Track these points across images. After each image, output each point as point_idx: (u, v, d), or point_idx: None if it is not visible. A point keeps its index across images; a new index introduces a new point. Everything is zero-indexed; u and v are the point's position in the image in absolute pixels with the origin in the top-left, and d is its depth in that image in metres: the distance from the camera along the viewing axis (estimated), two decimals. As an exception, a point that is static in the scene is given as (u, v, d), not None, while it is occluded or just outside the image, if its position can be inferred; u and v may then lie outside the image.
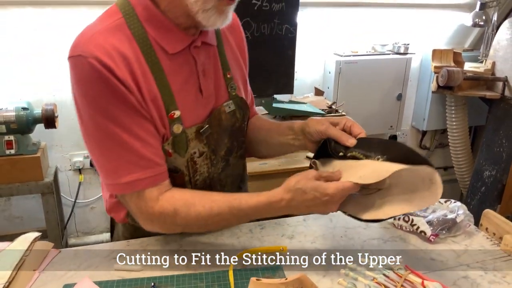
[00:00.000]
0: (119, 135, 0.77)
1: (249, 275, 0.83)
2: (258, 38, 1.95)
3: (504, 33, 2.22)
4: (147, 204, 0.81)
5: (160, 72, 0.81)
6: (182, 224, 0.83)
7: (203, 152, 0.89)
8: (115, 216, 0.98)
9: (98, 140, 0.79)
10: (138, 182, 0.80)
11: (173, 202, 0.81)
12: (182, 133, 0.84)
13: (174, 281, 0.82)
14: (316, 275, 0.86)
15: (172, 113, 0.83)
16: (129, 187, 0.80)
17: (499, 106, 2.30)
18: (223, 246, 0.95)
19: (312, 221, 1.06)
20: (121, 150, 0.78)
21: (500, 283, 0.85)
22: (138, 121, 0.79)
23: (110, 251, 0.92)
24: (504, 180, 2.26)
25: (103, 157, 0.80)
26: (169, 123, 0.83)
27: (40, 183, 1.95)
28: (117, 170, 0.80)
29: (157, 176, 0.81)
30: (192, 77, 0.86)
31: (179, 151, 0.85)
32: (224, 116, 0.92)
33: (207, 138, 0.89)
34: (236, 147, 0.98)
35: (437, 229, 0.99)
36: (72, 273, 0.85)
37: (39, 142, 2.02)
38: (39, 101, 2.04)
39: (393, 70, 2.52)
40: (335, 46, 2.51)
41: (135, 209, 0.83)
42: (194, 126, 0.87)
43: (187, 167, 0.88)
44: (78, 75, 0.76)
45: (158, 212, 0.81)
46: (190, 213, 0.81)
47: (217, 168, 0.94)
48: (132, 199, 0.82)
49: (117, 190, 0.82)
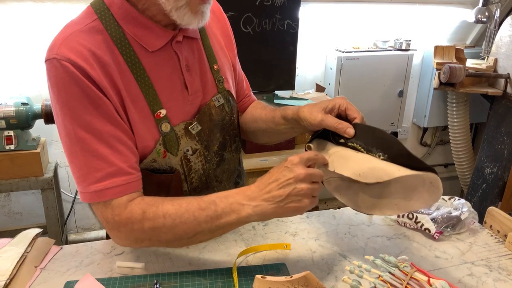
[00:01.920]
0: (87, 141, 0.74)
1: (253, 273, 0.82)
2: (259, 33, 1.94)
3: (506, 29, 2.21)
4: (114, 212, 0.76)
5: (141, 72, 0.79)
6: (150, 228, 0.75)
7: (196, 150, 0.88)
8: None
9: (68, 146, 0.76)
10: (106, 191, 0.75)
11: (142, 205, 0.76)
12: (171, 132, 0.83)
13: (178, 278, 0.81)
14: (320, 272, 0.85)
15: (158, 112, 0.81)
16: (96, 196, 0.76)
17: (501, 103, 2.29)
18: (226, 243, 0.94)
19: (315, 218, 1.05)
20: (90, 157, 0.75)
21: (506, 281, 0.84)
22: (109, 128, 0.76)
23: (112, 247, 0.91)
24: (505, 177, 2.25)
25: (73, 164, 0.77)
26: (156, 123, 0.81)
27: (40, 179, 1.94)
28: (85, 178, 0.76)
29: (126, 185, 0.77)
30: (176, 73, 0.84)
31: (171, 150, 0.84)
32: (214, 111, 0.91)
33: (198, 135, 0.88)
34: (229, 141, 0.97)
35: (441, 227, 0.98)
36: (74, 270, 0.84)
37: (39, 138, 2.01)
38: (39, 97, 2.02)
39: (395, 67, 2.50)
40: (337, 42, 2.50)
41: (100, 218, 0.78)
42: (182, 123, 0.85)
43: (181, 165, 0.87)
44: (52, 78, 0.74)
45: (125, 218, 0.75)
46: (158, 212, 0.74)
47: (211, 164, 0.93)
48: (98, 208, 0.77)
49: (86, 198, 0.77)
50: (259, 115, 1.03)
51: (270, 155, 2.12)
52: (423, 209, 1.03)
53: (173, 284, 0.79)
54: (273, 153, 2.14)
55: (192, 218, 0.74)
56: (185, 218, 0.74)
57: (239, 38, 2.10)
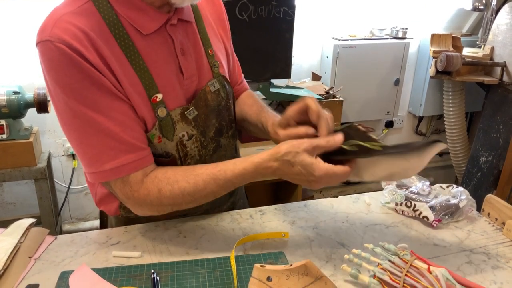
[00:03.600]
0: (97, 120, 0.74)
1: (251, 261, 0.81)
2: (255, 20, 1.91)
3: (503, 17, 2.20)
4: (132, 188, 0.78)
5: (135, 55, 0.77)
6: (170, 203, 0.80)
7: (192, 135, 0.87)
8: (106, 209, 0.95)
9: (76, 128, 0.75)
10: (122, 167, 0.77)
11: (157, 183, 0.79)
12: (167, 116, 0.82)
13: (175, 267, 0.80)
14: (319, 261, 0.85)
15: (155, 96, 0.80)
16: (113, 174, 0.77)
17: (497, 92, 2.29)
18: (224, 231, 0.93)
19: (313, 207, 1.05)
20: (101, 136, 0.75)
21: (504, 268, 0.84)
22: (115, 105, 0.75)
23: (108, 237, 0.90)
24: (500, 165, 2.26)
25: (83, 145, 0.77)
26: (153, 107, 0.80)
27: (33, 169, 1.92)
28: (99, 157, 0.76)
29: (140, 160, 0.79)
30: (171, 57, 0.82)
31: (167, 135, 0.83)
32: (209, 96, 0.90)
33: (194, 121, 0.87)
34: (225, 127, 0.95)
35: (440, 214, 0.97)
36: (69, 260, 0.83)
37: (31, 127, 1.98)
38: (31, 85, 1.99)
39: (391, 55, 2.49)
40: (333, 30, 2.47)
41: (121, 195, 0.80)
42: (178, 108, 0.84)
43: (177, 151, 0.86)
44: (48, 61, 0.72)
45: (143, 195, 0.79)
46: (175, 190, 0.78)
47: (208, 150, 0.92)
48: (117, 185, 0.79)
49: (101, 177, 0.78)
50: (246, 114, 1.02)
51: (266, 144, 2.11)
52: (421, 197, 1.02)
53: (170, 274, 0.78)
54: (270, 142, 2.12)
55: (211, 192, 0.80)
56: (204, 193, 0.79)
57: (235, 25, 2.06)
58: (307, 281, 0.66)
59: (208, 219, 0.98)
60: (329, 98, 2.21)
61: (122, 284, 0.75)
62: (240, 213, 1.00)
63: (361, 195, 1.11)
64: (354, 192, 2.89)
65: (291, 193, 2.22)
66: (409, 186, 1.08)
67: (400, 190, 1.06)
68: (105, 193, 0.92)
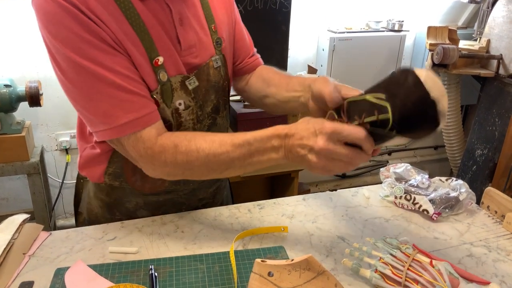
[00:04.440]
0: (103, 74, 0.71)
1: (251, 256, 0.80)
2: (251, 12, 1.88)
3: (500, 10, 2.19)
4: (146, 144, 0.76)
5: (136, 17, 0.75)
6: (183, 161, 0.76)
7: (189, 106, 0.85)
8: (89, 174, 0.92)
9: (82, 85, 0.72)
10: (136, 121, 0.74)
11: (173, 139, 0.76)
12: (167, 82, 0.80)
13: (173, 263, 0.78)
14: (319, 255, 0.84)
15: (156, 59, 0.78)
16: (128, 128, 0.74)
17: (493, 85, 2.28)
18: (222, 226, 0.91)
19: (312, 201, 1.03)
20: (111, 89, 0.72)
21: (505, 261, 0.84)
22: (117, 59, 0.73)
23: (104, 233, 0.88)
24: (495, 158, 2.27)
25: (93, 102, 0.73)
26: (154, 70, 0.78)
27: (25, 164, 1.89)
28: (112, 112, 0.73)
29: (153, 113, 0.77)
30: (169, 26, 0.80)
31: (166, 101, 0.81)
32: (212, 72, 0.88)
33: (194, 92, 0.85)
34: (222, 105, 0.94)
35: (439, 208, 0.97)
36: (64, 257, 0.81)
37: (24, 121, 1.95)
38: (22, 78, 1.95)
39: (387, 48, 2.48)
40: (329, 22, 2.45)
41: (133, 152, 0.77)
42: (179, 75, 0.82)
43: (172, 118, 0.84)
44: (44, 15, 0.69)
45: (158, 151, 0.75)
46: (191, 146, 0.75)
47: (203, 125, 0.90)
48: (130, 142, 0.76)
49: (114, 134, 0.75)
50: (272, 79, 0.98)
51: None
52: (420, 191, 1.02)
53: (168, 270, 0.77)
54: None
55: (226, 155, 0.75)
56: (219, 154, 0.75)
57: None
58: (309, 276, 0.64)
59: (206, 213, 0.96)
60: (325, 91, 2.20)
61: (119, 280, 0.74)
62: (238, 207, 0.99)
63: (360, 189, 1.10)
64: (350, 185, 2.89)
65: (287, 187, 2.21)
66: (408, 179, 1.07)
67: (399, 183, 1.05)
68: (92, 155, 0.89)
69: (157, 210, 0.96)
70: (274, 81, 0.97)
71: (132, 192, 0.93)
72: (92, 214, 0.99)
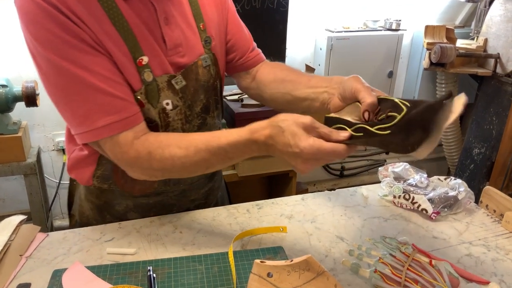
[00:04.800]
0: (82, 76, 0.70)
1: (250, 257, 0.80)
2: (248, 11, 1.88)
3: (497, 8, 2.19)
4: (122, 149, 0.75)
5: (119, 16, 0.74)
6: (160, 168, 0.76)
7: (177, 106, 0.84)
8: (78, 176, 0.92)
9: (63, 87, 0.72)
10: (114, 125, 0.74)
11: (147, 145, 0.75)
12: (153, 81, 0.79)
13: (172, 264, 0.78)
14: (318, 255, 0.83)
15: (140, 59, 0.77)
16: (105, 131, 0.74)
17: (490, 84, 2.29)
18: (221, 226, 0.91)
19: (310, 200, 1.03)
20: (90, 92, 0.72)
21: (504, 260, 0.84)
22: (98, 60, 0.72)
23: (101, 233, 0.88)
24: (493, 157, 2.27)
25: (72, 103, 0.73)
26: (138, 70, 0.77)
27: (22, 164, 1.88)
28: (89, 115, 0.73)
29: (132, 117, 0.76)
30: (153, 25, 0.79)
31: (152, 101, 0.80)
32: (201, 71, 0.87)
33: (182, 92, 0.84)
34: (212, 105, 0.93)
35: (438, 207, 0.97)
36: (62, 258, 0.80)
37: (20, 121, 1.94)
38: (19, 78, 1.94)
39: (385, 47, 2.48)
40: (327, 21, 2.45)
41: (111, 155, 0.77)
42: (165, 75, 0.81)
43: (159, 119, 0.83)
44: (25, 15, 0.69)
45: (133, 156, 0.75)
46: (165, 155, 0.75)
47: (192, 126, 0.89)
48: (107, 145, 0.76)
49: (92, 136, 0.75)
50: (287, 75, 0.95)
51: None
52: (419, 190, 1.01)
53: (167, 271, 0.76)
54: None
55: (203, 161, 0.75)
56: (195, 161, 0.75)
57: None
58: (308, 277, 0.64)
59: (204, 214, 0.96)
60: (323, 91, 2.19)
61: (118, 282, 0.73)
62: (237, 208, 0.99)
63: (359, 188, 1.09)
64: (347, 184, 2.89)
65: (285, 187, 2.21)
66: (407, 179, 1.07)
67: (398, 182, 1.05)
68: (80, 157, 0.88)
69: (148, 212, 0.95)
70: (289, 77, 0.95)
71: (122, 194, 0.92)
72: (83, 216, 0.98)
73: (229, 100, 2.13)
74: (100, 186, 0.91)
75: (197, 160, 0.74)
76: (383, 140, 0.67)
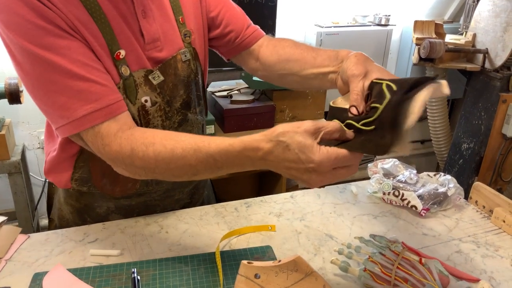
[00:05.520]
0: (59, 63, 0.67)
1: (237, 257, 0.78)
2: (237, 6, 1.85)
3: (485, 4, 2.19)
4: (104, 141, 0.70)
5: (97, 7, 0.71)
6: (142, 166, 0.70)
7: (156, 102, 0.82)
8: (55, 179, 0.88)
9: (38, 76, 0.68)
10: (95, 113, 0.69)
11: (132, 140, 0.70)
12: (130, 77, 0.77)
13: (157, 265, 0.76)
14: (307, 254, 0.82)
15: (118, 52, 0.74)
16: (86, 122, 0.69)
17: (479, 79, 2.29)
18: (208, 226, 0.89)
19: (299, 198, 1.02)
20: (67, 79, 0.68)
21: (494, 257, 0.83)
22: (74, 46, 0.68)
23: (85, 234, 0.85)
24: (482, 152, 2.28)
25: (50, 93, 0.69)
26: (116, 64, 0.75)
27: (6, 163, 1.83)
28: (68, 105, 0.69)
29: (114, 105, 0.71)
30: (131, 18, 0.77)
31: (130, 97, 0.78)
32: (180, 65, 0.85)
33: (160, 87, 0.81)
34: (193, 101, 0.90)
35: (428, 203, 0.96)
36: (43, 260, 0.78)
37: (3, 119, 1.89)
38: (2, 75, 1.89)
39: (374, 42, 2.47)
40: (316, 17, 2.43)
41: (94, 148, 0.73)
42: (141, 69, 0.79)
43: (139, 116, 0.80)
44: None
45: (114, 151, 0.70)
46: (148, 153, 0.68)
47: (172, 122, 0.86)
48: (89, 137, 0.72)
49: (73, 128, 0.70)
50: (291, 54, 0.90)
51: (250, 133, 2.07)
52: (408, 186, 1.01)
53: (152, 272, 0.74)
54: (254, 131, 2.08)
55: (188, 166, 0.68)
56: (181, 165, 0.68)
57: None
58: (296, 278, 0.63)
59: (191, 213, 0.94)
60: (313, 86, 2.18)
61: (101, 285, 0.71)
62: (224, 206, 0.97)
63: (348, 185, 1.08)
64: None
65: (275, 184, 2.20)
66: (396, 175, 1.06)
67: (387, 179, 1.04)
68: (56, 160, 0.85)
69: (130, 214, 0.92)
70: (294, 56, 0.89)
71: (103, 196, 0.89)
72: (63, 220, 0.95)
73: (218, 96, 2.10)
74: (79, 189, 0.88)
75: (183, 164, 0.68)
76: (366, 140, 0.62)
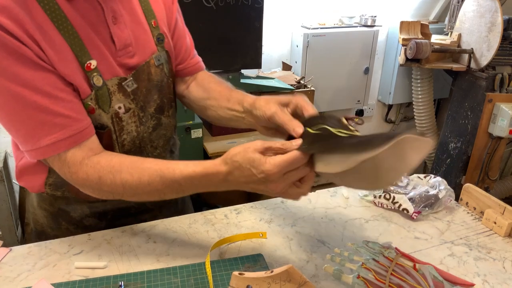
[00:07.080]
0: (22, 94, 0.67)
1: (228, 267, 0.76)
2: (222, 8, 1.83)
3: (470, 4, 2.21)
4: (70, 169, 0.72)
5: (63, 19, 0.69)
6: (110, 192, 0.74)
7: (130, 109, 0.80)
8: (28, 184, 0.87)
9: (3, 105, 0.68)
10: (58, 143, 0.70)
11: (98, 169, 0.72)
12: (103, 86, 0.75)
13: (145, 277, 0.73)
14: (299, 261, 0.80)
15: (88, 63, 0.73)
16: (50, 150, 0.71)
17: (464, 78, 2.31)
18: (197, 234, 0.87)
19: (290, 203, 1.00)
20: (30, 110, 0.68)
21: (486, 259, 0.83)
22: (40, 76, 0.68)
23: (69, 246, 0.82)
24: (469, 151, 2.30)
25: (14, 122, 0.70)
26: (87, 75, 0.73)
27: (-13, 171, 1.78)
28: (33, 133, 0.70)
29: (78, 134, 0.72)
30: (101, 26, 0.75)
31: (103, 107, 0.77)
32: (153, 70, 0.83)
33: (134, 94, 0.80)
34: (166, 104, 0.89)
35: (419, 206, 0.95)
36: (26, 275, 0.75)
37: (-16, 126, 1.84)
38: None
39: (361, 43, 2.47)
40: (302, 18, 2.43)
41: (61, 174, 0.75)
42: (115, 77, 0.77)
43: (112, 123, 0.79)
44: None
45: (82, 179, 0.73)
46: (116, 181, 0.72)
47: (147, 127, 0.86)
48: (55, 164, 0.74)
49: (39, 155, 0.72)
50: (213, 90, 0.93)
51: (238, 137, 2.05)
52: (400, 189, 1.00)
53: (140, 285, 0.71)
54: (242, 134, 2.07)
55: (155, 190, 0.72)
56: (148, 190, 0.72)
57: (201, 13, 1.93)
58: (289, 288, 0.61)
59: (179, 221, 0.91)
60: (301, 88, 2.18)
61: (86, 299, 0.68)
62: (214, 213, 0.95)
63: (339, 189, 1.07)
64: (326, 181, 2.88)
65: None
66: (387, 178, 1.05)
67: (378, 182, 1.03)
68: (29, 165, 0.83)
69: (105, 216, 0.91)
70: (214, 93, 0.92)
71: (77, 200, 0.88)
72: (38, 224, 0.93)
73: (205, 100, 2.08)
74: (53, 194, 0.86)
75: (150, 190, 0.72)
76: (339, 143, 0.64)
